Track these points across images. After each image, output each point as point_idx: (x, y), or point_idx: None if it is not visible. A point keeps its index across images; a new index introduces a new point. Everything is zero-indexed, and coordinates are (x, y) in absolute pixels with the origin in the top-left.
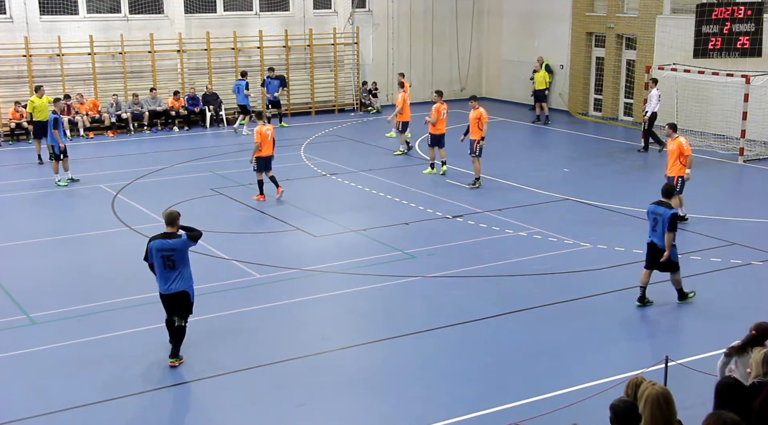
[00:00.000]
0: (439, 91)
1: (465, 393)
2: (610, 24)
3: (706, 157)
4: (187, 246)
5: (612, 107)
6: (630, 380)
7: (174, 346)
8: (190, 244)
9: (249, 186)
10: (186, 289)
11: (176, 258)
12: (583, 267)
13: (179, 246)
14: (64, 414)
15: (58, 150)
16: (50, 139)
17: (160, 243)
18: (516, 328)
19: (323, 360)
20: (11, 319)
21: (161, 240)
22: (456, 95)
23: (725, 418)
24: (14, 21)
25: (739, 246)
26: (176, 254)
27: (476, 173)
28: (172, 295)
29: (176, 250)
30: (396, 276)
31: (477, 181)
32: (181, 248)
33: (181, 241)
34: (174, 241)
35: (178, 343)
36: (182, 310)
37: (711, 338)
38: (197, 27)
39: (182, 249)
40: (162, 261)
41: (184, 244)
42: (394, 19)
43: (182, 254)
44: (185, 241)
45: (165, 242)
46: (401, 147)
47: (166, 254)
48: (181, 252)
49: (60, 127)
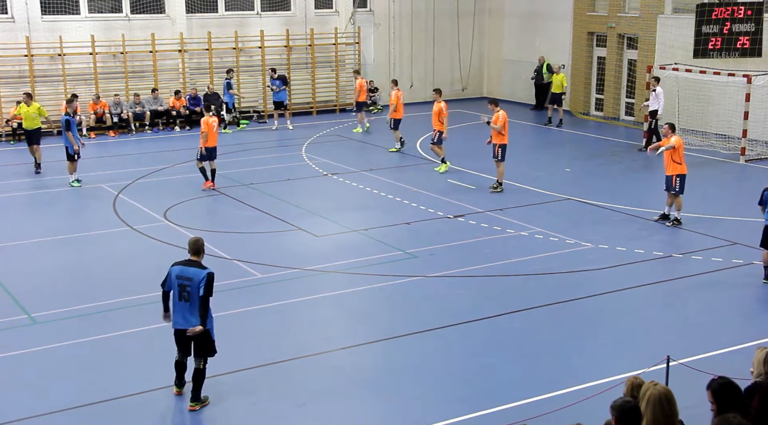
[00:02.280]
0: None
1: (466, 392)
2: (612, 24)
3: (708, 157)
4: (202, 284)
5: (613, 107)
6: (628, 380)
7: (194, 390)
8: (203, 284)
9: (251, 186)
10: (208, 328)
11: (191, 291)
12: (585, 267)
13: (195, 278)
14: (65, 414)
15: (72, 151)
16: (64, 140)
17: (180, 269)
18: (517, 328)
19: (324, 360)
20: (12, 319)
21: (182, 266)
22: (457, 95)
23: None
24: (16, 21)
25: (741, 245)
26: (192, 286)
27: (498, 177)
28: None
29: (193, 281)
30: (397, 276)
31: (499, 185)
32: (198, 282)
33: (197, 274)
34: (194, 270)
35: (197, 388)
36: (201, 350)
37: (712, 338)
38: (198, 27)
39: (198, 284)
40: (179, 291)
41: (201, 280)
42: (395, 18)
43: (197, 289)
44: (204, 279)
45: (185, 269)
46: (396, 144)
47: (184, 283)
48: (197, 286)
49: (73, 128)
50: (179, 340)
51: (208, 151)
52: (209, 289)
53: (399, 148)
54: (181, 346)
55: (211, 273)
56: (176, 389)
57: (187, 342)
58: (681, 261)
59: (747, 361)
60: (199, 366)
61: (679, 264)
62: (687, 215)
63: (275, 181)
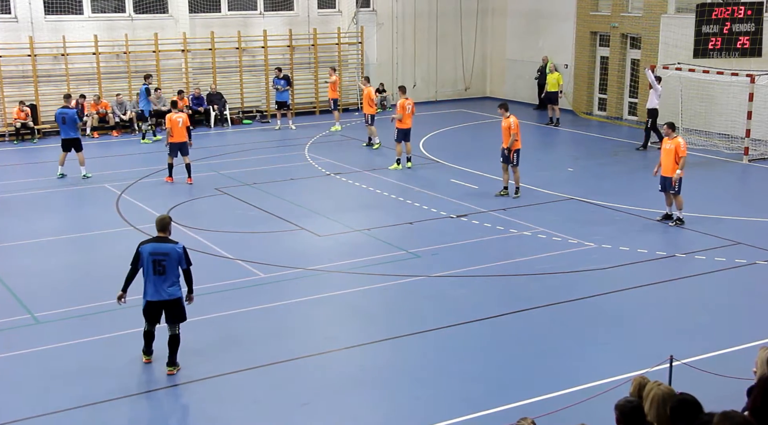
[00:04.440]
0: (402, 87)
1: (469, 392)
2: (615, 23)
3: (711, 157)
4: (179, 258)
5: (616, 106)
6: (634, 380)
7: (171, 355)
8: (182, 258)
9: (253, 185)
10: (179, 296)
11: (167, 265)
12: (587, 266)
13: (172, 253)
14: (67, 414)
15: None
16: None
17: (153, 246)
18: (520, 328)
19: (328, 360)
20: (16, 319)
21: (154, 243)
22: (460, 94)
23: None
24: (19, 21)
25: (744, 245)
26: (168, 260)
27: (516, 182)
28: (165, 303)
29: (169, 256)
30: (400, 275)
31: (517, 191)
32: (174, 256)
33: (174, 249)
34: (167, 246)
35: (174, 352)
36: (175, 317)
37: (715, 338)
38: (201, 27)
39: (175, 258)
40: (153, 266)
41: (178, 254)
42: (398, 18)
43: (174, 262)
44: (180, 253)
45: (158, 246)
46: (375, 139)
47: (158, 259)
48: (173, 259)
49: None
50: (150, 312)
51: (173, 147)
52: (190, 260)
53: (380, 143)
54: (151, 317)
55: (184, 247)
56: (145, 357)
57: (157, 313)
58: (684, 261)
59: (750, 361)
60: (175, 332)
61: (682, 264)
62: (690, 215)
63: (278, 180)
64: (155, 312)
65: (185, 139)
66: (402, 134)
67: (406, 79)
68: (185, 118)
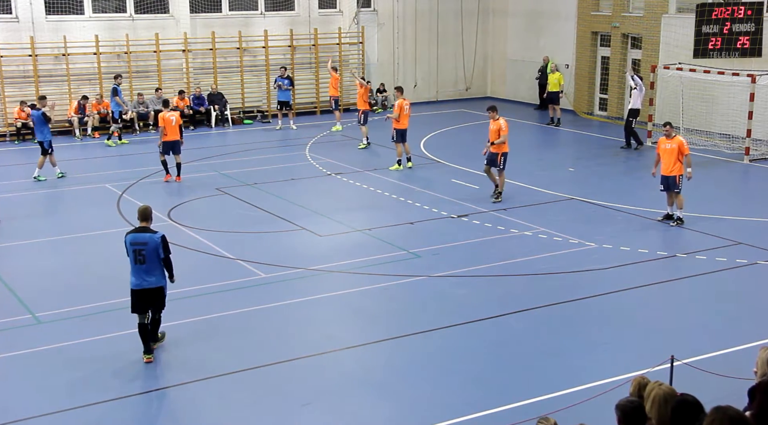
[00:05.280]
0: (400, 88)
1: (470, 392)
2: (616, 23)
3: (712, 157)
4: (157, 247)
5: (617, 106)
6: (634, 380)
7: (152, 332)
8: (159, 248)
9: (254, 185)
10: (161, 285)
11: (147, 254)
12: (588, 266)
13: (150, 243)
14: (68, 414)
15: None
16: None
17: (133, 236)
18: (521, 328)
19: (328, 360)
20: (17, 319)
21: (135, 234)
22: (461, 94)
23: (729, 413)
24: (20, 21)
25: (745, 245)
26: (147, 250)
27: (500, 186)
28: (147, 291)
29: (147, 245)
30: (401, 275)
31: (499, 195)
32: (152, 246)
33: (152, 239)
34: (146, 236)
35: (155, 331)
36: (158, 306)
37: (716, 338)
38: (202, 27)
39: (153, 247)
40: (134, 256)
41: (155, 244)
42: (399, 18)
43: (152, 252)
44: (157, 243)
45: (138, 236)
46: (364, 140)
47: (138, 248)
48: (151, 249)
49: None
50: (137, 300)
51: (166, 145)
52: (167, 249)
53: (368, 144)
54: (139, 306)
55: (163, 236)
56: (146, 357)
57: (143, 301)
58: (685, 261)
59: (751, 361)
60: (156, 316)
61: (683, 264)
62: (691, 215)
63: (279, 180)
64: (140, 300)
65: (178, 138)
66: (400, 135)
67: (407, 79)
68: (178, 117)
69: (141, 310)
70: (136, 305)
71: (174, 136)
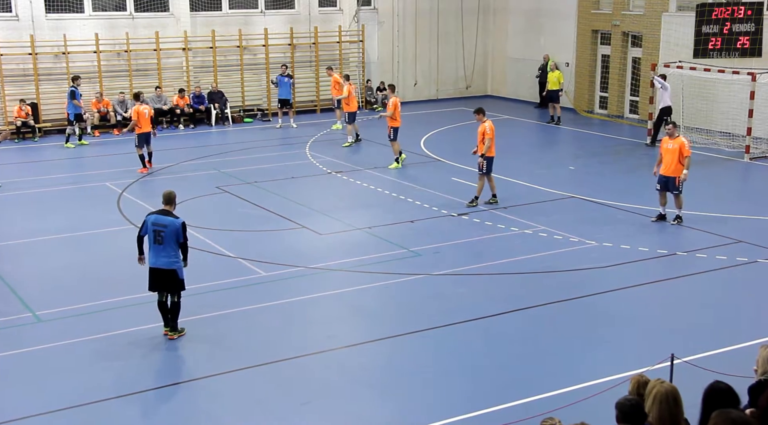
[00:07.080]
0: (392, 85)
1: (470, 390)
2: (616, 21)
3: (712, 155)
4: (176, 232)
5: (617, 105)
6: (632, 378)
7: (172, 320)
8: (179, 232)
9: (254, 184)
10: (174, 268)
11: (165, 236)
12: (589, 265)
13: (170, 226)
14: (69, 412)
15: None
16: None
17: (155, 218)
18: (521, 326)
19: (328, 358)
20: (17, 317)
21: (157, 215)
22: (461, 93)
23: (732, 416)
24: (20, 19)
25: (746, 244)
26: (166, 232)
27: (492, 189)
28: (161, 271)
29: (167, 228)
30: (401, 274)
31: (475, 200)
32: (172, 229)
33: (173, 223)
34: (168, 219)
35: (174, 318)
36: (173, 288)
37: (716, 336)
38: (202, 25)
39: (172, 230)
40: (154, 236)
41: (175, 228)
42: (399, 16)
43: (171, 235)
44: (177, 227)
45: (160, 218)
46: (349, 138)
47: (158, 229)
48: (170, 232)
49: None
50: (152, 277)
51: (141, 138)
52: (186, 236)
53: (353, 141)
54: (154, 284)
55: (183, 222)
56: (165, 329)
57: (157, 279)
58: (685, 259)
59: (751, 359)
60: (174, 299)
61: (684, 262)
62: (691, 213)
63: (279, 179)
64: (155, 278)
65: (150, 129)
66: (395, 132)
67: (407, 78)
68: (150, 109)
69: (156, 288)
70: (152, 283)
71: (147, 128)
